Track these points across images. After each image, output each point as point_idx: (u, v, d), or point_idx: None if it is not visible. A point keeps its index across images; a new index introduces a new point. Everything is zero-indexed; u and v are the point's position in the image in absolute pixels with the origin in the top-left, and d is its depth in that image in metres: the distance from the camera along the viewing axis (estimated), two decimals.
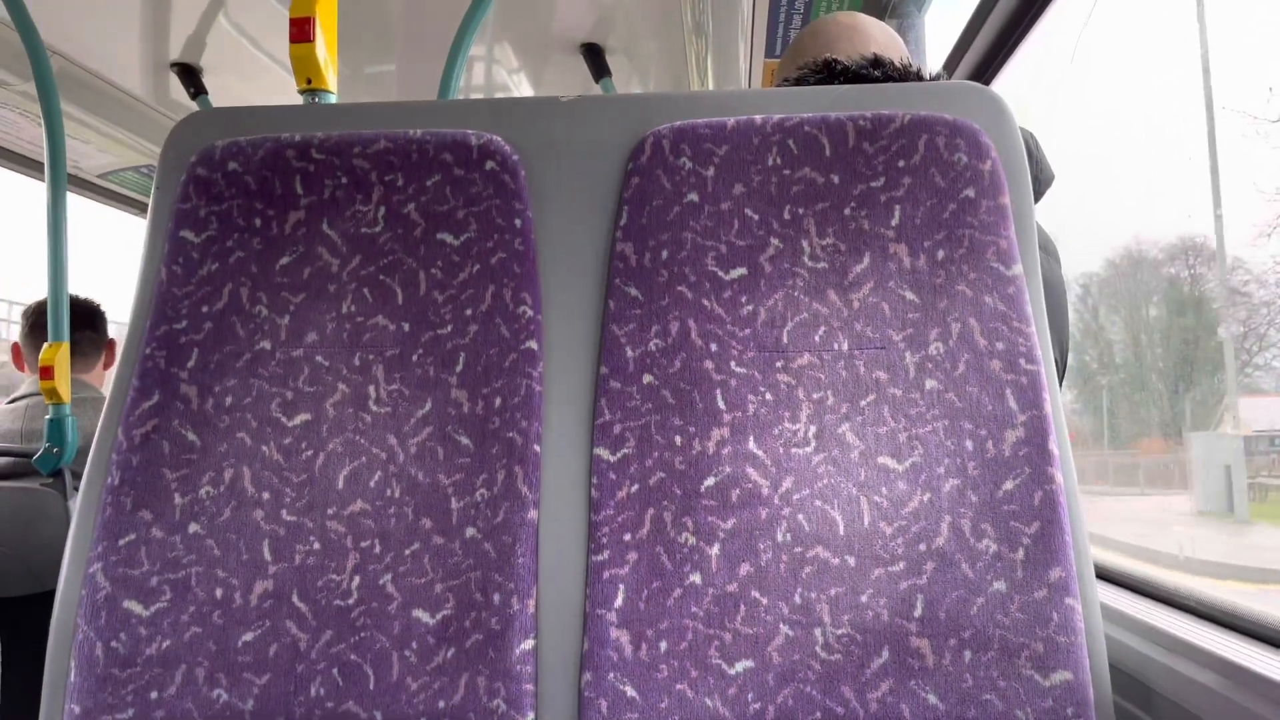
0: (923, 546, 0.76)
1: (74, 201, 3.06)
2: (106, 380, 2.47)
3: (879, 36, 1.18)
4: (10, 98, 2.33)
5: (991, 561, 0.75)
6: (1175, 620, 0.88)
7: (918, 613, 0.75)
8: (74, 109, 2.39)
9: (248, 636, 0.80)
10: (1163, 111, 1.41)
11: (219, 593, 0.81)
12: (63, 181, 1.93)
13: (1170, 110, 1.39)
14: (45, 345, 1.92)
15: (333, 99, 1.07)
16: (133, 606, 0.81)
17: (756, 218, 0.84)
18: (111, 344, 2.49)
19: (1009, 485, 0.77)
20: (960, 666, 0.74)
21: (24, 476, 2.05)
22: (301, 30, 1.03)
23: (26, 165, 2.76)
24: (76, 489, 2.00)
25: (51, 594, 0.85)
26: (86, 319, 2.39)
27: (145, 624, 0.80)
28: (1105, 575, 1.11)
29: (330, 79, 1.05)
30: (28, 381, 2.33)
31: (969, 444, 0.78)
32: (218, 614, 0.80)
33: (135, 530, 0.83)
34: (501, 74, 2.46)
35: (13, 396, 2.29)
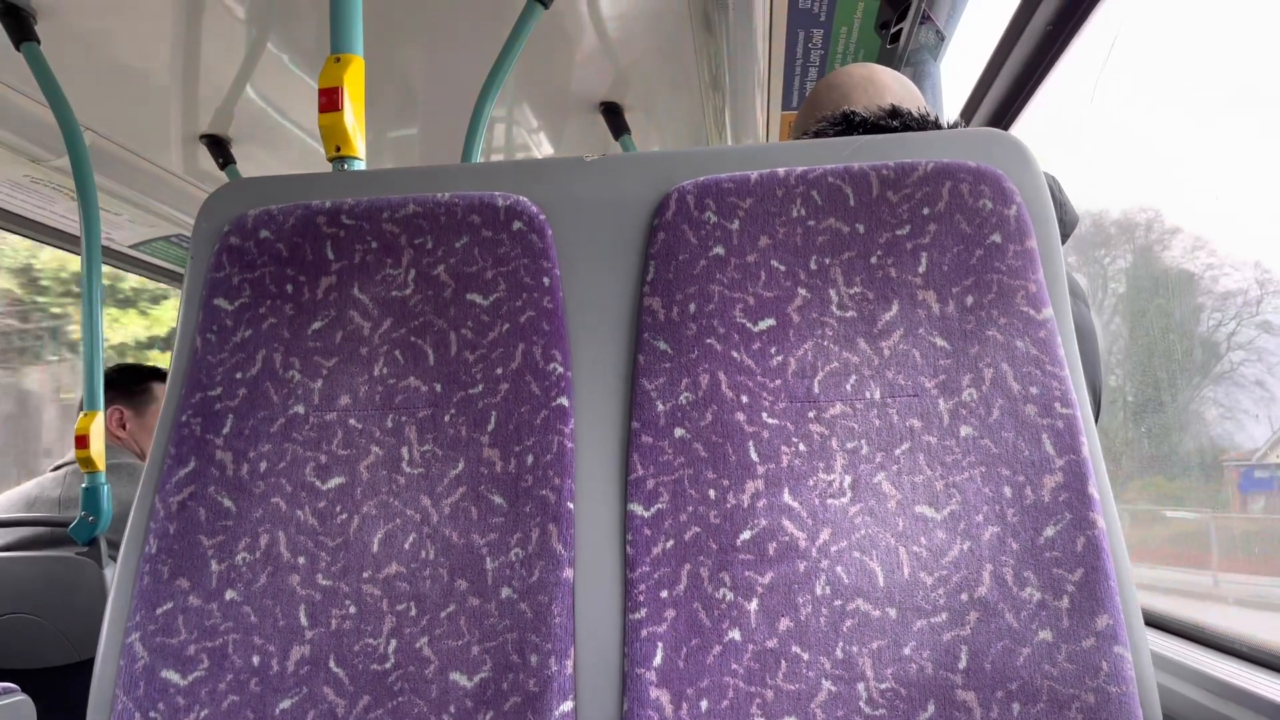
0: (965, 596, 0.75)
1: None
2: None
3: (894, 86, 1.20)
4: (45, 173, 2.38)
5: (1036, 610, 0.74)
6: (1227, 666, 0.86)
7: (963, 664, 0.74)
8: (107, 183, 2.45)
9: (285, 704, 0.79)
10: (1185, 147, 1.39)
11: (256, 660, 0.81)
12: (97, 254, 1.97)
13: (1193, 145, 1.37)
14: (80, 415, 1.94)
15: (361, 165, 1.09)
16: (171, 676, 0.81)
17: (783, 269, 0.85)
18: None
19: (1050, 531, 0.75)
20: None
21: (60, 545, 2.06)
22: (331, 100, 1.05)
23: (61, 239, 2.82)
24: (112, 557, 2.02)
25: (87, 663, 0.85)
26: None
27: (183, 693, 0.80)
28: (1153, 622, 1.09)
29: (359, 146, 1.07)
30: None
31: (1007, 490, 0.77)
32: (255, 682, 0.80)
33: (173, 599, 0.83)
34: (522, 134, 2.50)
35: (56, 464, 2.32)
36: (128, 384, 2.46)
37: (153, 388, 2.49)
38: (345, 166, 1.07)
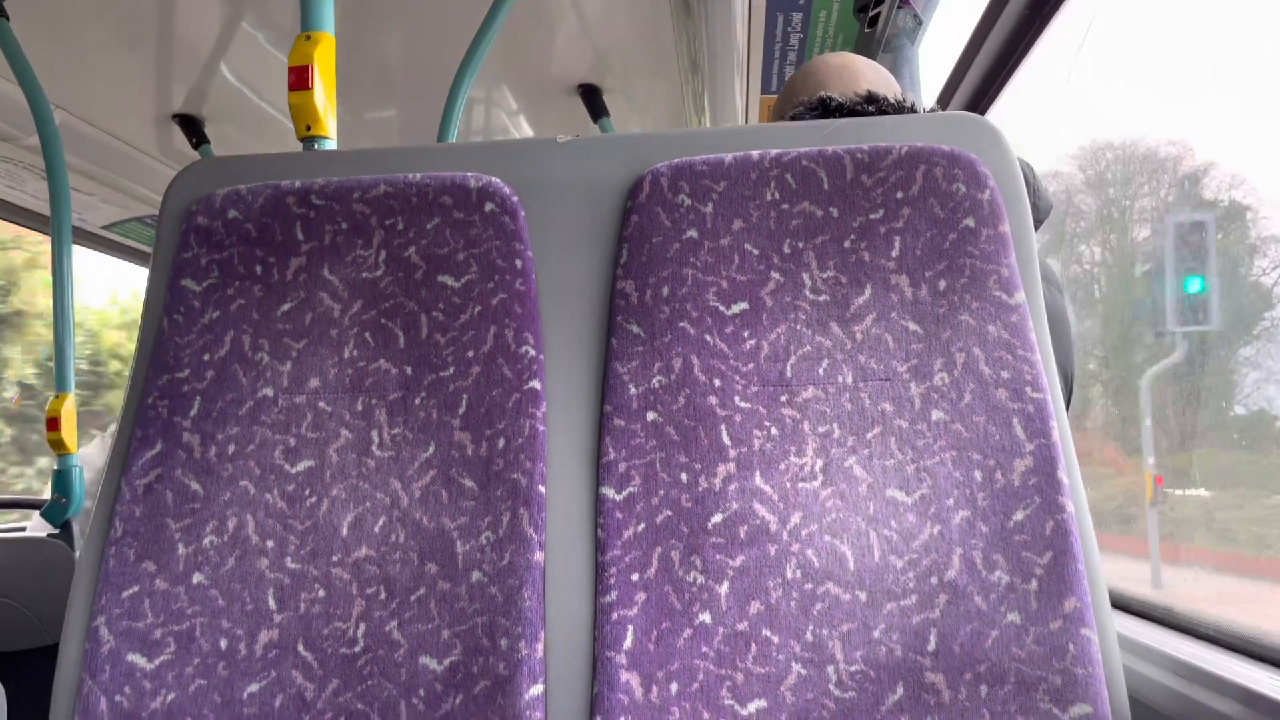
0: (934, 579, 0.75)
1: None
2: None
3: (869, 74, 1.20)
4: (15, 152, 2.35)
5: (1004, 593, 0.74)
6: (1193, 649, 0.87)
7: (931, 647, 0.74)
8: (77, 162, 2.42)
9: (253, 688, 0.79)
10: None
11: (223, 644, 0.80)
12: (67, 235, 1.94)
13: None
14: (52, 397, 1.92)
15: (332, 145, 1.07)
16: (136, 660, 0.80)
17: (756, 252, 0.84)
18: None
19: (1019, 515, 0.76)
20: (977, 701, 0.72)
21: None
22: (300, 78, 1.04)
23: (31, 219, 2.78)
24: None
25: (58, 647, 0.84)
26: None
27: (149, 677, 0.79)
28: (1121, 604, 1.10)
29: (330, 125, 1.06)
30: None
31: (977, 474, 0.77)
32: (222, 665, 0.80)
33: (139, 582, 0.82)
34: (500, 116, 2.48)
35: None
36: None
37: None
38: (316, 146, 1.06)
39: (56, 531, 1.98)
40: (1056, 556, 0.74)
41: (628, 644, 0.76)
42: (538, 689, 0.77)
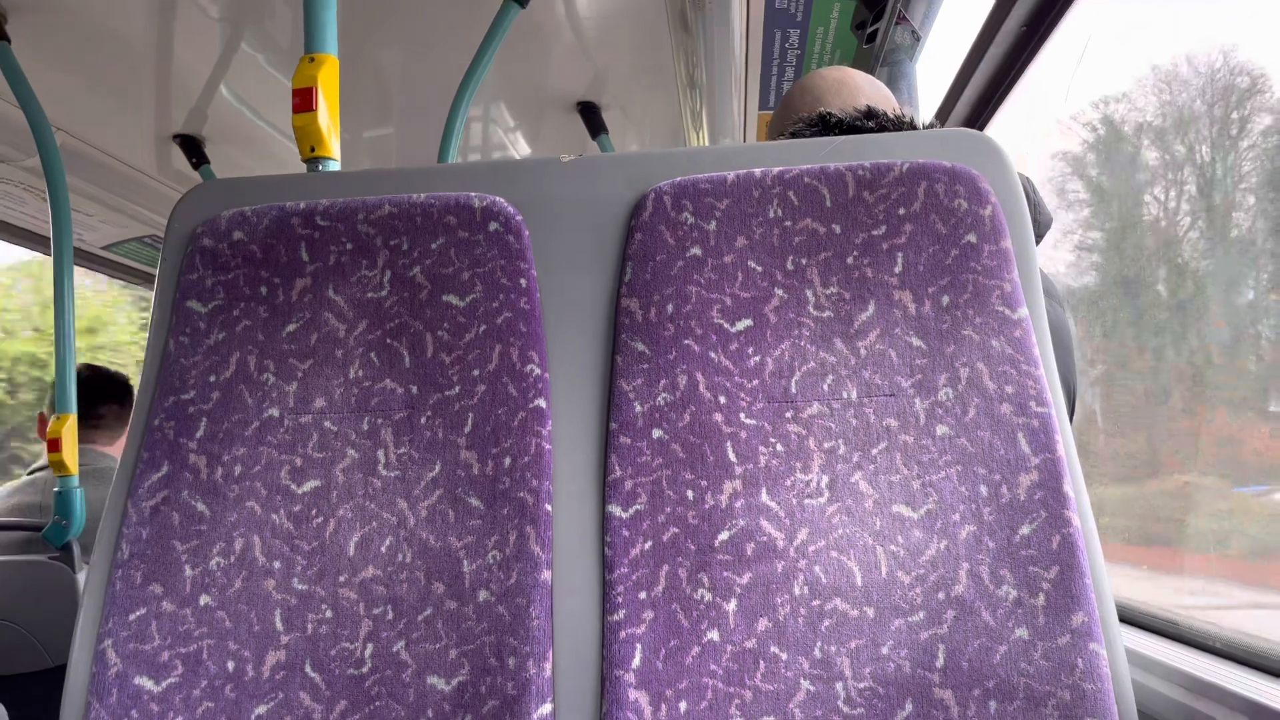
0: (942, 595, 0.75)
1: None
2: None
3: (867, 88, 1.20)
4: (15, 174, 2.35)
5: (1012, 608, 0.74)
6: (1201, 662, 0.87)
7: (940, 663, 0.74)
8: (78, 183, 2.42)
9: (261, 710, 0.79)
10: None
11: (231, 665, 0.80)
12: (68, 255, 1.95)
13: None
14: (53, 418, 1.92)
15: (336, 166, 1.08)
16: (144, 683, 0.80)
17: (760, 269, 0.85)
18: None
19: (1025, 530, 0.76)
20: (986, 717, 0.72)
21: (37, 549, 2.04)
22: (305, 100, 1.04)
23: (31, 240, 2.79)
24: (86, 562, 1.99)
25: (60, 669, 0.84)
26: (115, 392, 2.40)
27: (157, 700, 0.79)
28: (1128, 618, 1.10)
29: (334, 146, 1.07)
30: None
31: (983, 489, 0.77)
32: (230, 687, 0.79)
33: (146, 604, 0.82)
34: (499, 134, 2.49)
35: (31, 468, 2.29)
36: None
37: None
38: (320, 167, 1.06)
39: (57, 554, 1.97)
40: (1064, 571, 0.74)
41: (636, 662, 0.76)
42: (546, 708, 0.76)
